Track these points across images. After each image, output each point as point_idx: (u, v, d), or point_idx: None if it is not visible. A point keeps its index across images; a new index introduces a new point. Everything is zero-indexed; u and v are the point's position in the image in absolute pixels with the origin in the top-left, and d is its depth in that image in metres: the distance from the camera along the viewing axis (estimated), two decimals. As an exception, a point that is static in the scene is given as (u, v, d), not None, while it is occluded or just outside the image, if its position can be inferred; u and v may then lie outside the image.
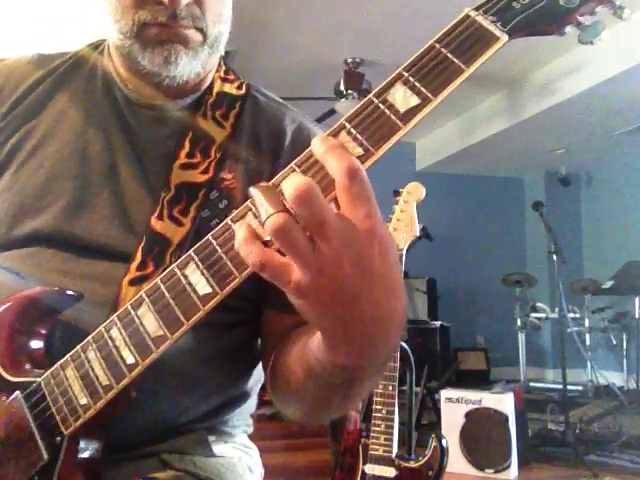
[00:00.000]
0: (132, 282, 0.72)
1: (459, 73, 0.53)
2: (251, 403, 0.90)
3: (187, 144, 0.80)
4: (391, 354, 0.54)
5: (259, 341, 0.87)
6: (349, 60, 4.61)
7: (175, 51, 0.75)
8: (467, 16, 0.55)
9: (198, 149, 0.80)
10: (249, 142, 0.82)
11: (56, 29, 3.76)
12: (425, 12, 3.87)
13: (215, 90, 0.85)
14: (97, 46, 0.90)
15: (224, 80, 0.87)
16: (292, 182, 0.45)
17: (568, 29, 0.57)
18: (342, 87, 4.55)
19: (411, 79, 0.53)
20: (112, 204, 0.78)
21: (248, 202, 0.55)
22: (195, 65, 0.78)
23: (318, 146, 0.49)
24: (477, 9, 0.55)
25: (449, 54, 0.53)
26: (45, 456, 0.65)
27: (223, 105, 0.84)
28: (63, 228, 0.78)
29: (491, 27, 0.54)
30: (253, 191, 0.49)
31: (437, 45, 0.54)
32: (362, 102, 0.53)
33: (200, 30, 0.77)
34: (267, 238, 0.48)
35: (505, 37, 0.54)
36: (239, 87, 0.87)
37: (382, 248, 0.47)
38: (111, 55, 0.86)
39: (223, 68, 0.89)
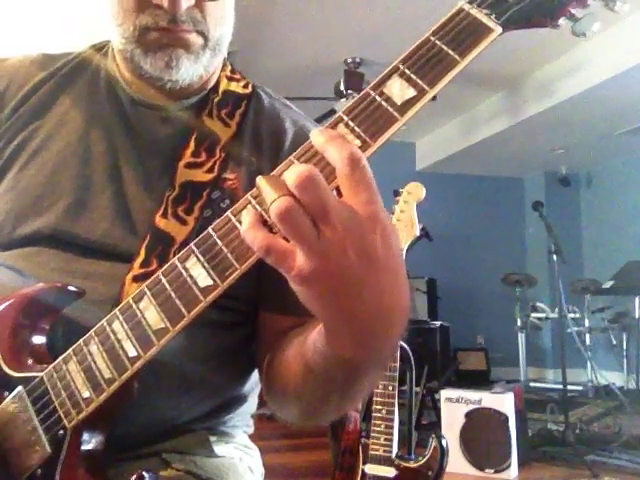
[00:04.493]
0: (135, 279, 0.72)
1: (454, 65, 0.53)
2: (251, 403, 0.91)
3: (192, 143, 0.80)
4: (393, 349, 0.53)
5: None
6: (349, 60, 4.62)
7: (176, 55, 0.75)
8: (461, 9, 0.56)
9: (203, 148, 0.80)
10: (251, 142, 0.82)
11: (58, 30, 3.76)
12: (425, 12, 3.87)
13: (221, 89, 0.85)
14: (101, 47, 0.90)
15: (230, 79, 0.87)
16: (294, 170, 0.46)
17: (561, 21, 0.58)
18: (342, 87, 4.55)
19: (407, 71, 0.54)
20: (114, 204, 0.79)
21: (248, 195, 0.56)
22: (197, 68, 0.78)
23: (318, 137, 0.50)
24: (471, 2, 0.56)
25: (444, 46, 0.54)
26: (48, 449, 0.65)
27: (229, 104, 0.84)
28: (65, 228, 0.78)
29: (485, 19, 0.55)
30: (258, 180, 0.49)
31: (432, 38, 0.55)
32: (359, 95, 0.54)
33: (201, 34, 0.77)
34: (274, 225, 0.49)
35: (499, 29, 0.55)
36: (245, 86, 0.87)
37: (384, 234, 0.47)
38: (115, 57, 0.86)
39: (229, 67, 0.89)
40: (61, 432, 0.65)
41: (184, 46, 0.76)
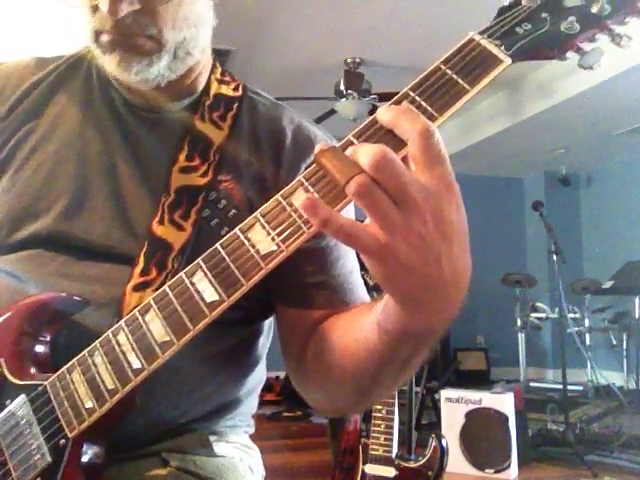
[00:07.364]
0: (135, 288, 0.72)
1: (464, 93, 0.55)
2: (252, 403, 0.91)
3: (186, 147, 0.80)
4: (455, 315, 0.55)
5: (263, 342, 0.88)
6: (349, 60, 4.61)
7: (125, 58, 0.74)
8: (472, 39, 0.57)
9: (197, 152, 0.80)
10: (248, 143, 0.82)
11: (53, 34, 3.76)
12: (425, 13, 3.87)
13: (212, 92, 0.85)
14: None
15: (221, 82, 0.87)
16: (366, 150, 0.47)
17: (569, 54, 0.59)
18: (342, 87, 4.55)
19: (417, 98, 0.55)
20: (111, 205, 0.79)
21: (256, 213, 0.56)
22: (155, 71, 0.76)
23: (386, 113, 0.51)
24: (482, 33, 0.58)
25: (454, 75, 0.55)
26: (49, 459, 0.65)
27: (220, 107, 0.84)
28: (62, 230, 0.78)
29: (495, 50, 0.56)
30: (321, 158, 0.50)
31: (443, 66, 0.56)
32: (367, 121, 0.54)
33: (152, 38, 0.74)
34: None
35: (508, 60, 0.56)
36: (235, 89, 0.87)
37: (458, 204, 0.50)
38: None
39: (219, 70, 0.89)
40: (62, 441, 0.65)
41: (132, 50, 0.74)
